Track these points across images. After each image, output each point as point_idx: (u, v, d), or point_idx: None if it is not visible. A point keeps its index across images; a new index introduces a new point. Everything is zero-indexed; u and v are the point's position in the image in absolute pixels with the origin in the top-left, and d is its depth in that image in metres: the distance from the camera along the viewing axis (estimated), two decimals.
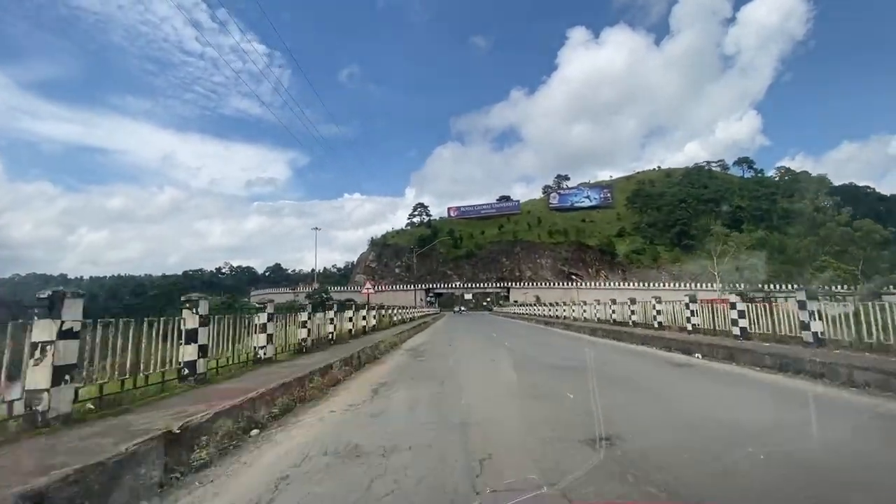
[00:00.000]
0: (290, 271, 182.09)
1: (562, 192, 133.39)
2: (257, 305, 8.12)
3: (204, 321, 5.74)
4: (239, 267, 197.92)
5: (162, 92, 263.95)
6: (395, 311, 27.22)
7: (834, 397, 5.29)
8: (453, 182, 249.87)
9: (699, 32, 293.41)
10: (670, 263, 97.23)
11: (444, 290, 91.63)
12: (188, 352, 5.44)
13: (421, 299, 74.21)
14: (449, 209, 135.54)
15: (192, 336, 5.50)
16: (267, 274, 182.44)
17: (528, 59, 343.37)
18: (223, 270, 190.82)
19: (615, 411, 4.46)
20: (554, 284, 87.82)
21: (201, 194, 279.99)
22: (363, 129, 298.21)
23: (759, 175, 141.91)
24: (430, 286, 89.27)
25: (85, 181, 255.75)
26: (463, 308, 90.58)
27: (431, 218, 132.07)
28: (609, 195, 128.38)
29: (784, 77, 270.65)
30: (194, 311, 5.61)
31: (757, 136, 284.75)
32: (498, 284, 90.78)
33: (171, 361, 5.31)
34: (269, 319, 7.80)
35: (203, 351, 5.64)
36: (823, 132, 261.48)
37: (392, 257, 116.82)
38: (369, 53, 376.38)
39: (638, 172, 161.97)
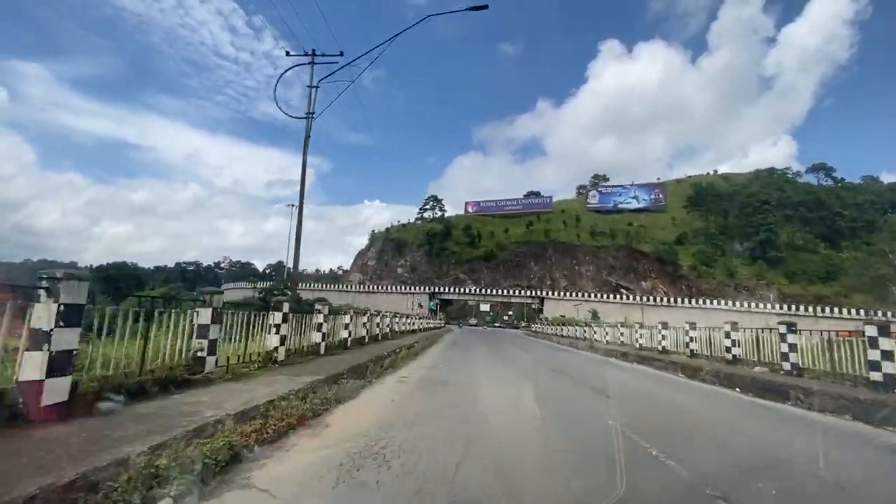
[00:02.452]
0: (292, 269, 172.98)
1: (603, 189, 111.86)
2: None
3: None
4: (238, 262, 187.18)
5: (195, 93, 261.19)
6: (353, 320, 10.51)
7: None
8: (473, 193, 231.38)
9: (738, 51, 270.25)
10: (752, 279, 74.62)
11: (455, 297, 70.83)
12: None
13: (420, 305, 53.64)
14: (466, 204, 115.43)
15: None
16: (268, 271, 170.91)
17: (558, 71, 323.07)
18: (222, 265, 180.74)
19: None
20: (601, 297, 66.24)
21: (224, 193, 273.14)
22: (385, 137, 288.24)
23: (843, 183, 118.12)
24: (437, 290, 68.67)
25: (114, 174, 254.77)
26: (497, 324, 66.51)
27: (446, 213, 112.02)
28: (662, 196, 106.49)
29: (824, 102, 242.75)
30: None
31: (792, 164, 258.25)
32: (527, 293, 69.39)
33: None
34: None
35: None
36: (863, 161, 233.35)
37: (395, 254, 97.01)
38: (395, 59, 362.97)
39: (689, 176, 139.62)
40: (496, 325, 66.49)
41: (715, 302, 59.02)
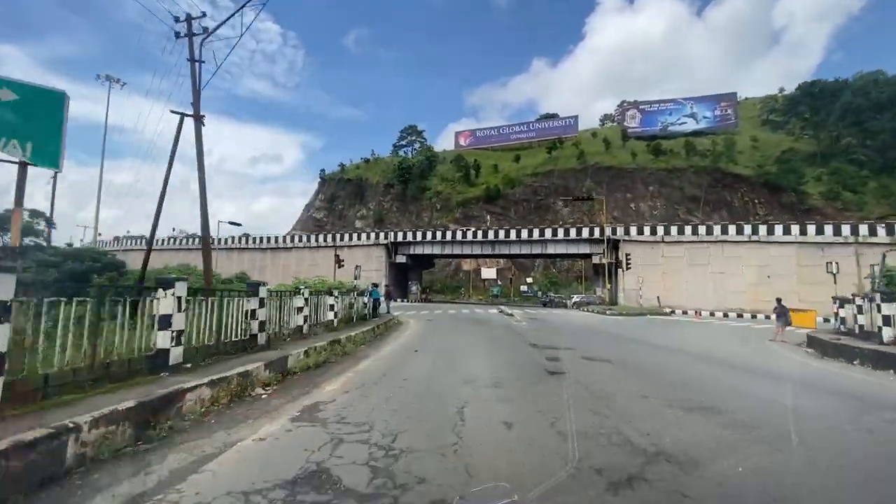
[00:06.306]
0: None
1: (647, 108, 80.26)
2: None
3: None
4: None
5: (174, 70, 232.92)
6: None
7: None
8: None
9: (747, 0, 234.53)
10: None
11: (438, 253, 40.16)
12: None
13: (356, 267, 23.19)
14: (458, 135, 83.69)
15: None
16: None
17: (553, 27, 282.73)
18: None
19: None
20: (699, 235, 36.01)
21: (213, 172, 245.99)
22: (376, 107, 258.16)
23: None
24: (400, 238, 38.07)
25: (96, 156, 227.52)
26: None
27: (428, 145, 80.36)
28: (731, 111, 75.42)
29: (834, 56, 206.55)
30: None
31: None
32: (572, 235, 37.18)
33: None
34: None
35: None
36: None
37: (353, 201, 66.02)
38: (378, 18, 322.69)
39: (746, 99, 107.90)
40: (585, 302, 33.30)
41: None
